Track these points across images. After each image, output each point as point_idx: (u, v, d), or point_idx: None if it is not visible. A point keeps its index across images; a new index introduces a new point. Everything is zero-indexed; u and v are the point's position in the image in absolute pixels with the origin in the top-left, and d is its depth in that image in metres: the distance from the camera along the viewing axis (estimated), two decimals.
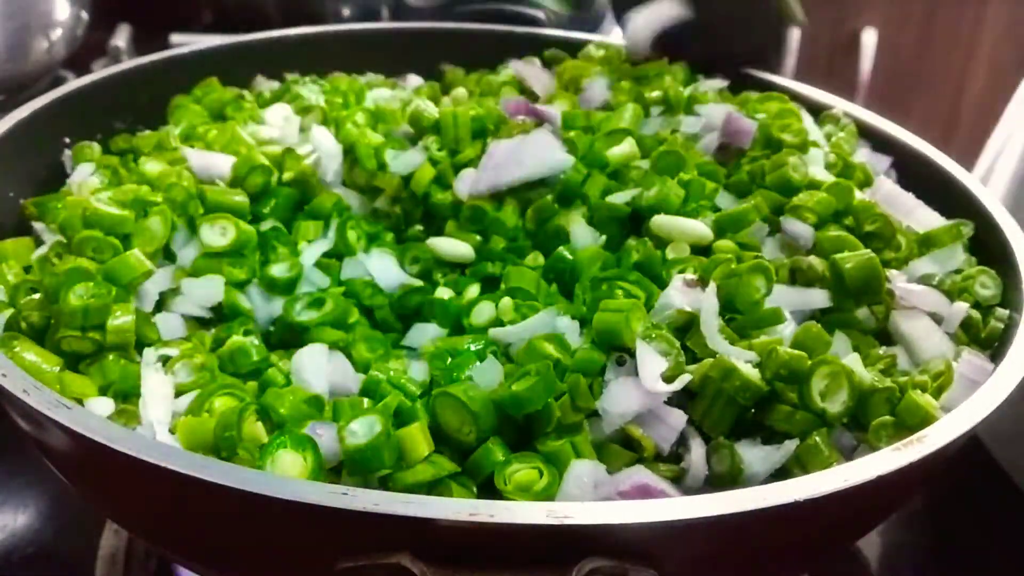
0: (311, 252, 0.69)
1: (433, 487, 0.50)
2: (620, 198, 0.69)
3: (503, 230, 0.70)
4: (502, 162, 0.72)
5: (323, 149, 0.76)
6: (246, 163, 0.71)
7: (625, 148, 0.74)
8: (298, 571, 0.48)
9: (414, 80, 0.94)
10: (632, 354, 0.55)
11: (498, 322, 0.62)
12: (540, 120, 0.78)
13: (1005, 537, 0.82)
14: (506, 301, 0.62)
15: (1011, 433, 0.83)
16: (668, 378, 0.53)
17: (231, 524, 0.46)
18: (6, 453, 0.81)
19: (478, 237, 0.71)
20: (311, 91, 0.86)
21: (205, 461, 0.43)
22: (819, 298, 0.61)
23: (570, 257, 0.66)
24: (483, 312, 0.63)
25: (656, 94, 0.83)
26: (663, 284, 0.61)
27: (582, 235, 0.69)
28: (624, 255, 0.66)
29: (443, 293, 0.66)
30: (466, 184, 0.72)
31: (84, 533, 0.75)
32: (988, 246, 0.68)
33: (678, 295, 0.59)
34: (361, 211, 0.76)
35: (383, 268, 0.69)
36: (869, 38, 1.78)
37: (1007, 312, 0.62)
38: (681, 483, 0.52)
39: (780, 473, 0.52)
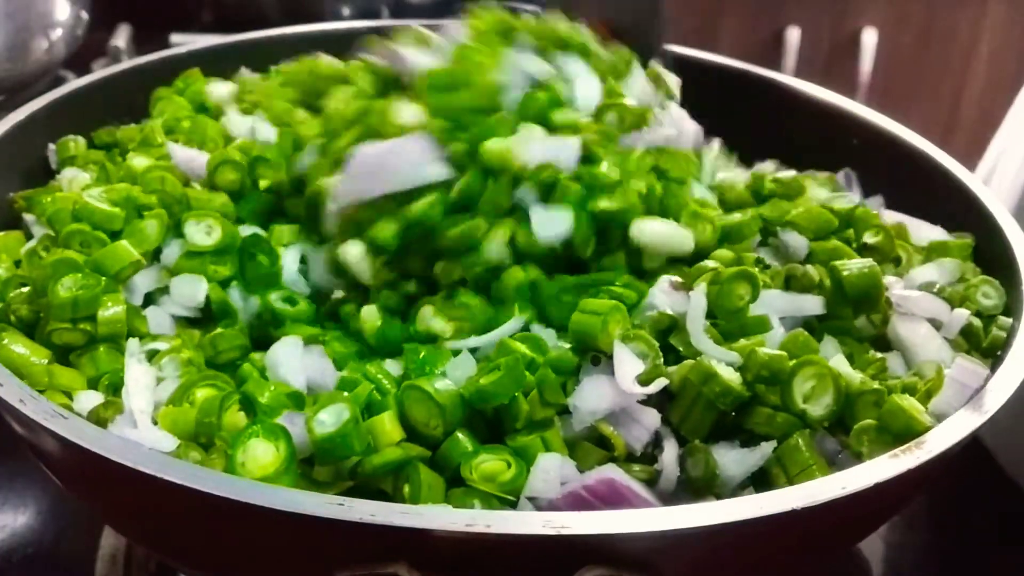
0: (291, 256, 0.67)
1: (402, 469, 0.50)
2: (550, 228, 0.61)
3: (383, 246, 0.62)
4: (367, 172, 0.62)
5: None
6: (216, 158, 0.71)
7: (505, 144, 0.62)
8: None
9: None
10: (608, 355, 0.54)
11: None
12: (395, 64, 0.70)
13: (1006, 537, 0.81)
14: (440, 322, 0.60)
15: (1013, 433, 0.83)
16: (644, 380, 0.53)
17: (228, 534, 0.46)
18: (6, 454, 0.81)
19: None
20: None
21: (201, 472, 0.43)
22: (812, 304, 0.61)
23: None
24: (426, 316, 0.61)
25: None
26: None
27: (496, 251, 0.62)
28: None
29: (367, 316, 0.62)
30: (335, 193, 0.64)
31: (84, 533, 0.75)
32: (989, 247, 0.68)
33: (663, 297, 0.58)
34: None
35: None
36: (869, 38, 1.78)
37: (1010, 321, 0.61)
38: (655, 485, 0.52)
39: (760, 475, 0.52)
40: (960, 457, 0.52)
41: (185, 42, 1.13)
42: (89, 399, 0.55)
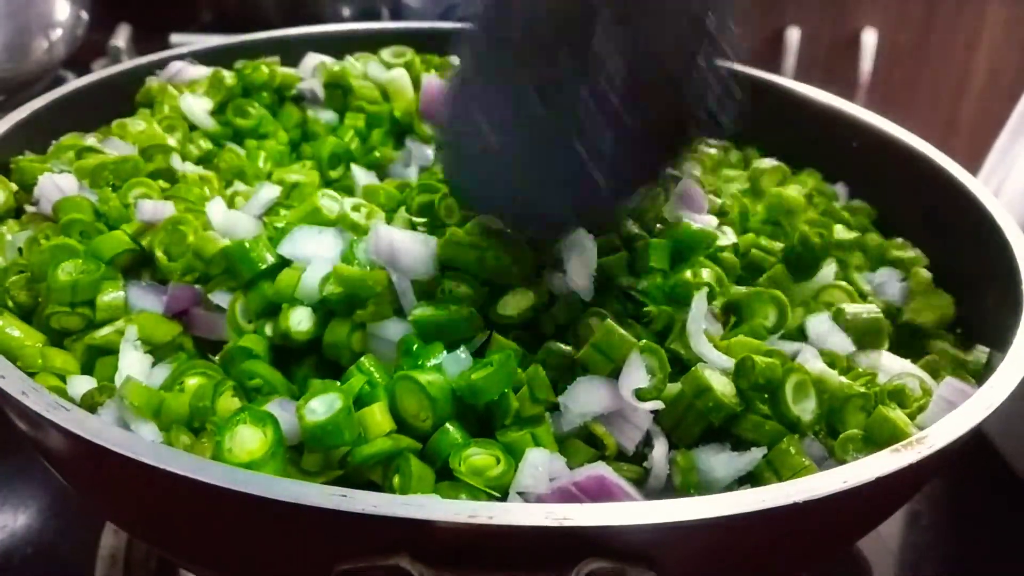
0: None
1: (391, 460, 0.50)
2: None
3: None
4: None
5: None
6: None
7: None
8: (297, 573, 0.47)
9: None
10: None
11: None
12: None
13: (1011, 534, 0.81)
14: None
15: (1018, 429, 0.83)
16: (642, 396, 0.53)
17: (229, 526, 0.46)
18: (6, 453, 0.81)
19: None
20: None
21: (203, 464, 0.43)
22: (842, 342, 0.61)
23: None
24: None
25: None
26: None
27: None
28: None
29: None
30: None
31: (84, 533, 0.75)
32: (989, 246, 0.68)
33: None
34: None
35: None
36: (869, 38, 1.78)
37: (987, 350, 0.61)
38: (643, 485, 0.52)
39: (752, 480, 0.52)
40: (966, 453, 0.53)
41: (185, 42, 1.13)
42: (82, 383, 0.56)
